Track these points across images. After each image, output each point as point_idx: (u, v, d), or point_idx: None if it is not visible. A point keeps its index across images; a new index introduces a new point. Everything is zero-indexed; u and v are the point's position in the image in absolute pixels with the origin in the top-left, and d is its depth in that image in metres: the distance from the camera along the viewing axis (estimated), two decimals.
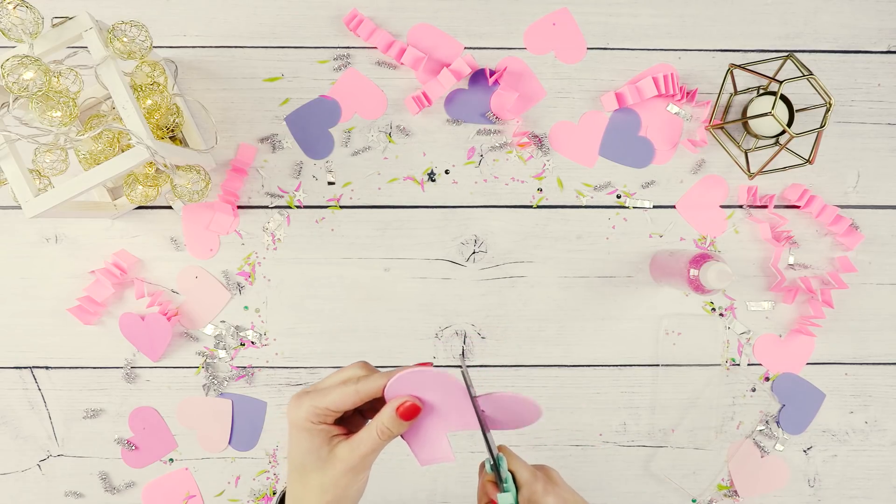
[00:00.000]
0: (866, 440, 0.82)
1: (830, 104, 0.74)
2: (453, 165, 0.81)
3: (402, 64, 0.80)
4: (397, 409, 0.47)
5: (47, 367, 0.80)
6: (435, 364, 0.81)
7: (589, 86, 0.82)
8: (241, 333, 0.80)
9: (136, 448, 0.80)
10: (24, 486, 0.80)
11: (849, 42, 0.82)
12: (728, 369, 0.81)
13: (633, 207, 0.82)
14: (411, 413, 0.47)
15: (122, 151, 0.68)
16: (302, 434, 0.47)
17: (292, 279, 0.80)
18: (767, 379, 0.82)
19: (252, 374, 0.80)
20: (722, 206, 0.82)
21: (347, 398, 0.46)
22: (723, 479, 0.82)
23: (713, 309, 0.82)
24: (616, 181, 0.81)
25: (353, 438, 0.47)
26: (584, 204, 0.81)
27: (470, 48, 0.81)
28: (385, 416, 0.47)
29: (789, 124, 0.76)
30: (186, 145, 0.78)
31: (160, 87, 0.71)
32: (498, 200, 0.81)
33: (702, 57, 0.82)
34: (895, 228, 0.82)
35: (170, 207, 0.80)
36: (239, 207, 0.80)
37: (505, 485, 0.49)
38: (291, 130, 0.80)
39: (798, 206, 0.81)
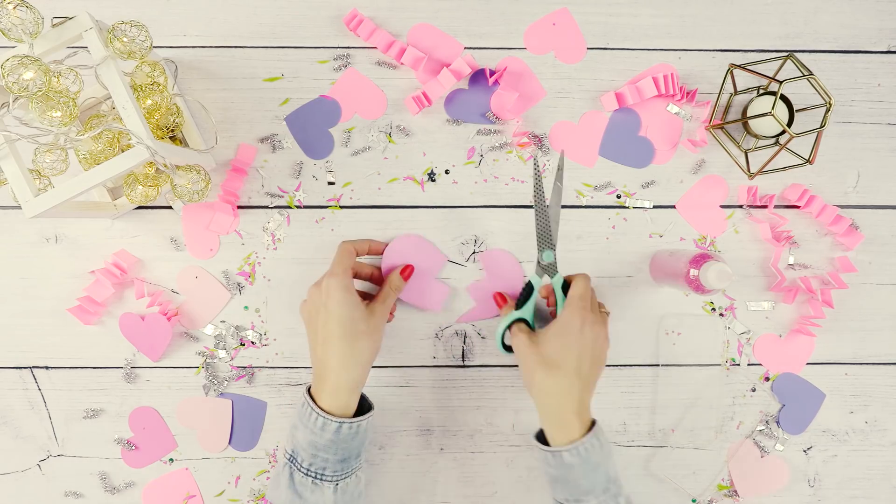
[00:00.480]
0: (866, 440, 0.82)
1: (830, 104, 0.74)
2: (453, 165, 0.81)
3: (402, 64, 0.80)
4: (401, 272, 0.75)
5: (47, 367, 0.80)
6: (435, 363, 0.81)
7: (589, 86, 0.82)
8: (241, 333, 0.80)
9: (136, 448, 0.80)
10: (24, 486, 0.80)
11: (849, 42, 0.82)
12: (728, 369, 0.81)
13: (633, 207, 0.81)
14: (409, 271, 0.76)
15: (122, 151, 0.68)
16: (346, 296, 0.67)
17: (292, 279, 0.80)
18: (767, 379, 0.82)
19: (252, 374, 0.80)
20: (722, 206, 0.82)
21: (350, 255, 0.71)
22: (723, 480, 0.82)
23: (713, 309, 0.82)
24: (616, 181, 0.81)
25: (376, 298, 0.73)
26: (584, 204, 0.81)
27: (470, 48, 0.81)
28: (392, 278, 0.75)
29: (789, 124, 0.76)
30: (186, 145, 0.78)
31: (160, 87, 0.71)
32: (498, 200, 0.81)
33: (702, 57, 0.82)
34: (895, 228, 0.82)
35: (170, 207, 0.80)
36: (239, 207, 0.80)
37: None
38: (291, 130, 0.80)
39: (798, 206, 0.81)
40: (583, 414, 0.65)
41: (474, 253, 0.81)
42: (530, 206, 0.81)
